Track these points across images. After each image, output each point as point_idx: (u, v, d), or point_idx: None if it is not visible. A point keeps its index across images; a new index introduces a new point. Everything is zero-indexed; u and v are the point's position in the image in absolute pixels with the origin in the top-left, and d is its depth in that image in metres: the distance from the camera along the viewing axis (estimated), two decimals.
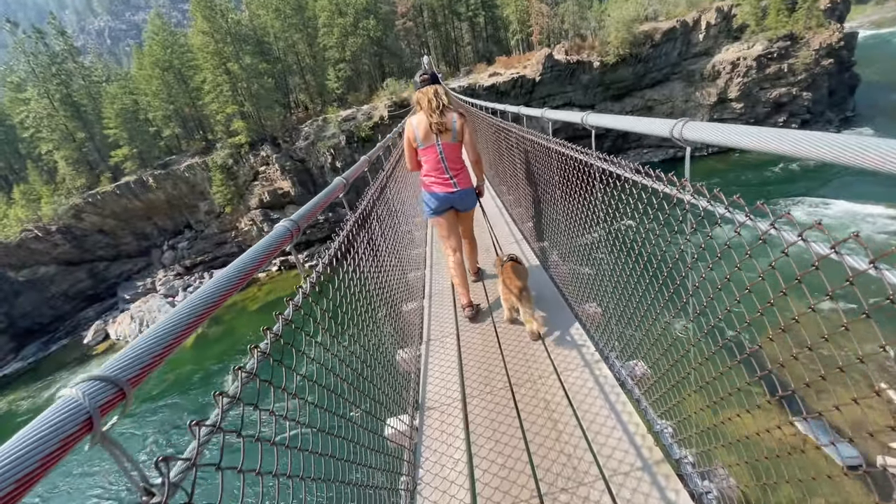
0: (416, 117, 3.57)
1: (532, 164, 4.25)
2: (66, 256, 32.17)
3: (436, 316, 3.94)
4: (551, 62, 33.92)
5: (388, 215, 3.97)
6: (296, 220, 1.48)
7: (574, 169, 2.82)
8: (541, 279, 4.15)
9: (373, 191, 3.34)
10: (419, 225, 6.47)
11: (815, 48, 33.47)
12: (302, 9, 38.68)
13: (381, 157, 4.37)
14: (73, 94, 32.81)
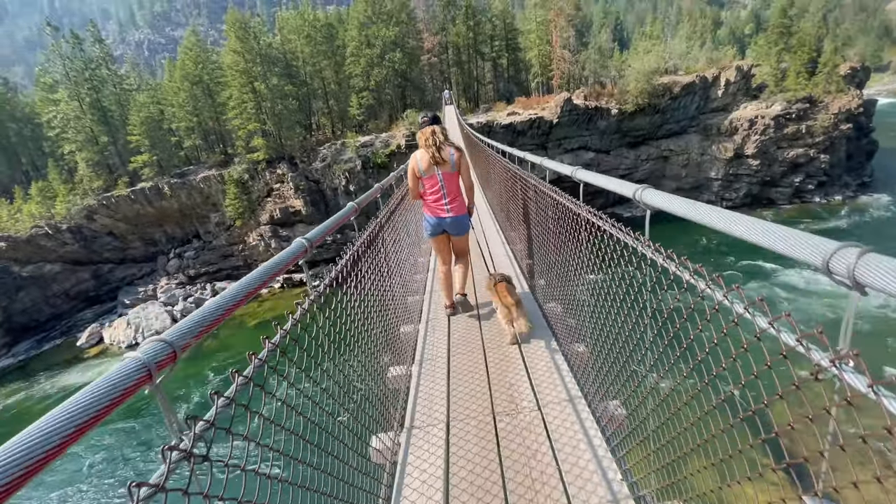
0: (420, 151, 4.11)
1: (532, 206, 4.56)
2: (73, 256, 32.22)
3: (430, 340, 4.11)
4: (570, 106, 34.43)
5: (394, 241, 4.31)
6: (310, 238, 1.68)
7: (566, 216, 3.06)
8: (533, 314, 4.30)
9: (381, 217, 3.56)
10: (424, 252, 6.73)
11: (833, 112, 33.72)
12: (332, 37, 40.07)
13: (392, 186, 4.63)
14: (102, 99, 33.76)
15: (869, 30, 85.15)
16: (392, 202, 4.01)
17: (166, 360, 0.90)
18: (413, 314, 4.62)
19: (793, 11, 39.17)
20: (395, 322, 3.81)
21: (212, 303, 1.15)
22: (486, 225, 8.43)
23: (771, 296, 23.67)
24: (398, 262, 4.40)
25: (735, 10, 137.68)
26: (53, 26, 32.11)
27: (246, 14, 35.09)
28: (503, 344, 3.80)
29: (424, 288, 5.47)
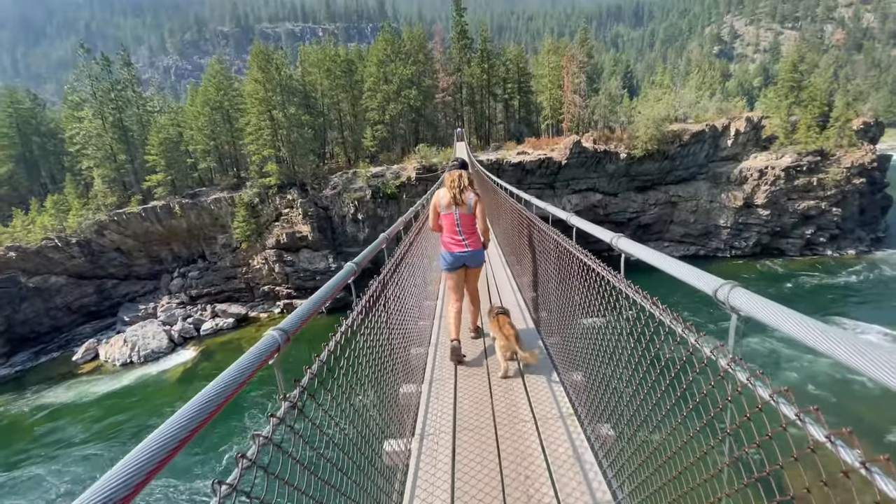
0: (443, 190, 4.59)
1: (536, 243, 4.88)
2: (79, 269, 32.34)
3: (438, 363, 4.52)
4: (579, 148, 34.87)
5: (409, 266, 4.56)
6: (286, 330, 1.46)
7: (565, 255, 3.37)
8: (533, 345, 4.63)
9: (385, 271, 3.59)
10: (430, 294, 6.99)
11: (846, 166, 33.76)
12: (351, 72, 41.47)
13: (401, 233, 4.79)
14: (124, 119, 34.81)
15: (881, 85, 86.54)
16: (399, 252, 3.95)
17: (286, 340, 1.40)
18: (423, 338, 5.00)
19: (803, 66, 39.97)
20: (408, 344, 4.12)
21: (312, 298, 1.80)
22: (493, 258, 8.91)
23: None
24: (413, 290, 4.67)
25: (744, 64, 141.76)
26: (86, 48, 33.56)
27: (270, 46, 36.52)
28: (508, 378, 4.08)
29: (434, 312, 5.88)
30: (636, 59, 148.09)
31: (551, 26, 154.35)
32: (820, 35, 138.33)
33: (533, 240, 5.12)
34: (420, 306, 5.17)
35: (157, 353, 27.82)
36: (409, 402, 3.62)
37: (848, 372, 19.72)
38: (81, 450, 20.73)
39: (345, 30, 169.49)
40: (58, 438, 21.76)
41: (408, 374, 3.81)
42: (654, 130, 34.63)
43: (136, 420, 22.57)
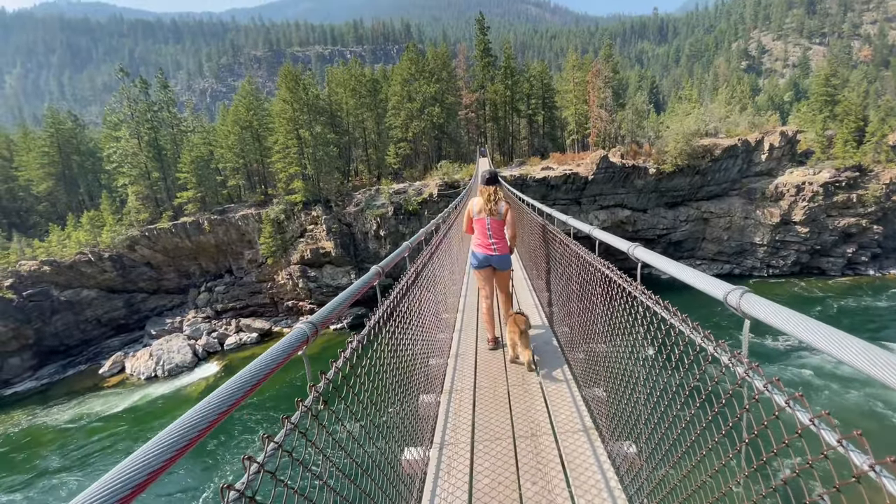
0: (478, 199, 5.07)
1: (557, 257, 4.96)
2: (110, 283, 33.27)
3: (458, 372, 4.57)
4: (606, 164, 34.18)
5: (434, 269, 4.71)
6: (315, 323, 1.53)
7: (587, 269, 3.40)
8: (552, 355, 4.80)
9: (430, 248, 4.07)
10: (454, 292, 7.19)
11: (885, 182, 32.01)
12: (376, 91, 42.20)
13: (422, 243, 4.86)
14: (159, 138, 36.16)
15: None
16: (420, 260, 4.02)
17: (314, 333, 1.45)
18: (444, 350, 4.96)
19: (836, 81, 38.53)
20: (428, 355, 4.13)
21: (340, 297, 1.81)
22: (518, 281, 8.96)
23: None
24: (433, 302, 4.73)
25: (773, 78, 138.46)
26: (125, 71, 35.22)
27: (298, 68, 37.57)
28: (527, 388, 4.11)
29: (454, 327, 5.97)
30: (661, 75, 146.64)
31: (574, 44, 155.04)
32: (848, 51, 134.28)
33: (550, 253, 5.35)
34: (439, 318, 5.20)
35: (181, 367, 28.08)
36: (428, 411, 3.62)
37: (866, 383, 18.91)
38: (98, 464, 20.84)
39: (372, 52, 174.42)
40: (76, 452, 21.90)
41: (427, 383, 3.84)
42: (683, 145, 33.71)
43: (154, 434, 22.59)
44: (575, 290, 3.91)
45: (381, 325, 2.39)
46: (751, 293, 1.37)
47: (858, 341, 0.95)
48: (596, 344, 3.28)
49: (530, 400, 3.83)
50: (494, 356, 4.88)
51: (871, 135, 33.36)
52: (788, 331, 1.16)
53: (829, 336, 1.02)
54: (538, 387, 4.07)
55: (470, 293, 7.75)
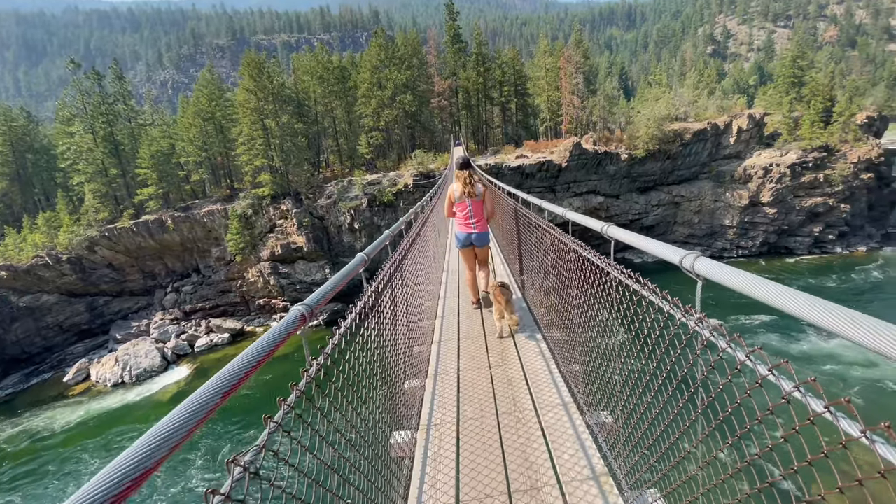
0: (456, 184, 5.51)
1: (531, 237, 5.22)
2: (70, 287, 31.57)
3: (442, 356, 4.68)
4: (579, 150, 34.16)
5: (414, 258, 4.76)
6: (310, 304, 1.58)
7: (558, 247, 3.69)
8: (525, 316, 5.40)
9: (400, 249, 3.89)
10: (435, 281, 7.51)
11: (853, 161, 33.01)
12: (345, 79, 40.93)
13: (402, 232, 5.00)
14: (116, 132, 34.22)
15: (878, 80, 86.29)
16: (402, 247, 4.21)
17: (310, 314, 1.49)
18: (426, 336, 5.13)
19: (803, 62, 39.38)
20: (412, 343, 4.24)
21: (331, 281, 1.80)
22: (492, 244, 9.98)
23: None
24: (414, 291, 4.82)
25: (738, 62, 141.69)
26: (76, 63, 33.04)
27: (262, 56, 35.99)
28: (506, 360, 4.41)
29: (436, 312, 6.11)
30: (630, 61, 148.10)
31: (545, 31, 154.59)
32: (813, 32, 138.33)
33: (520, 231, 6.03)
34: (422, 306, 5.39)
35: (149, 371, 26.94)
36: (414, 396, 3.73)
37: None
38: (67, 475, 19.86)
39: (340, 39, 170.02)
40: (44, 464, 20.89)
41: (412, 369, 3.93)
42: (654, 130, 33.94)
43: (125, 443, 21.67)
44: (551, 271, 4.11)
45: (367, 312, 2.40)
46: (703, 257, 1.54)
47: (804, 295, 1.04)
48: (572, 322, 3.44)
49: (512, 380, 4.03)
50: (475, 325, 5.43)
51: (839, 114, 34.24)
52: (737, 287, 1.29)
53: (777, 291, 1.12)
54: (514, 349, 4.66)
55: (451, 280, 8.06)
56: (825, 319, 0.95)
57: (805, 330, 24.00)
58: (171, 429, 0.79)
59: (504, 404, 3.55)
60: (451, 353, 4.71)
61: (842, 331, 0.90)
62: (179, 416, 0.83)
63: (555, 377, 3.87)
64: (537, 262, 4.94)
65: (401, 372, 3.36)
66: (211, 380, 0.97)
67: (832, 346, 22.32)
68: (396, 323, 3.36)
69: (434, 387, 3.99)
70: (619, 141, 36.10)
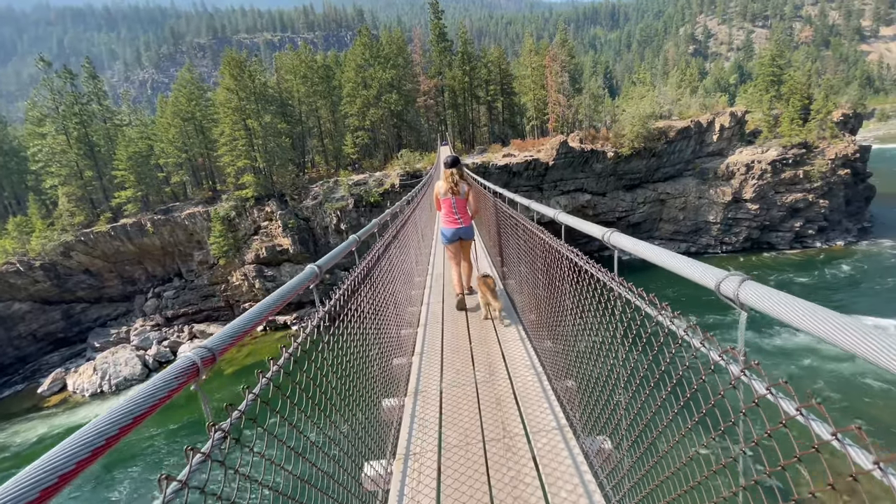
0: (442, 181, 5.75)
1: (516, 237, 5.16)
2: (44, 294, 30.46)
3: (424, 372, 4.31)
4: (565, 149, 34.19)
5: (389, 271, 4.44)
6: (321, 265, 1.76)
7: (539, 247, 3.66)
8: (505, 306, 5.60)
9: (376, 249, 3.67)
10: (419, 284, 7.21)
11: (830, 157, 33.68)
12: (329, 78, 40.32)
13: (388, 222, 5.12)
14: (90, 133, 33.09)
15: (851, 79, 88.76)
16: (387, 236, 4.14)
17: (209, 360, 1.11)
18: (407, 348, 4.76)
19: (781, 61, 40.08)
20: (390, 354, 3.94)
21: (240, 319, 1.37)
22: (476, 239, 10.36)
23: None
24: (394, 293, 4.58)
25: (719, 62, 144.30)
26: (46, 61, 31.86)
27: (244, 54, 35.22)
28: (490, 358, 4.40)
29: (419, 321, 5.87)
30: (615, 60, 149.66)
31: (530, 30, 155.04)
32: (790, 32, 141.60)
33: (500, 226, 6.32)
34: (402, 312, 5.07)
35: (129, 380, 26.11)
36: (391, 418, 3.44)
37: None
38: None
39: (324, 38, 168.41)
40: None
41: (389, 385, 3.66)
42: (640, 128, 34.15)
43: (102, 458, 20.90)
44: (542, 281, 3.88)
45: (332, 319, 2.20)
46: (751, 280, 1.16)
47: (667, 252, 1.01)
48: (566, 336, 3.19)
49: (501, 399, 3.79)
50: (460, 334, 5.23)
51: (817, 112, 34.88)
52: (796, 325, 0.96)
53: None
54: (494, 333, 4.91)
55: (435, 284, 7.95)
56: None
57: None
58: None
59: (492, 430, 3.21)
60: (433, 367, 4.34)
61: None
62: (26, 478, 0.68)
63: (548, 394, 3.57)
64: (525, 269, 4.72)
65: (375, 389, 3.04)
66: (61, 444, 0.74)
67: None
68: (371, 331, 3.06)
69: (414, 407, 3.62)
70: (606, 139, 36.25)
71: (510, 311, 5.55)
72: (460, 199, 5.73)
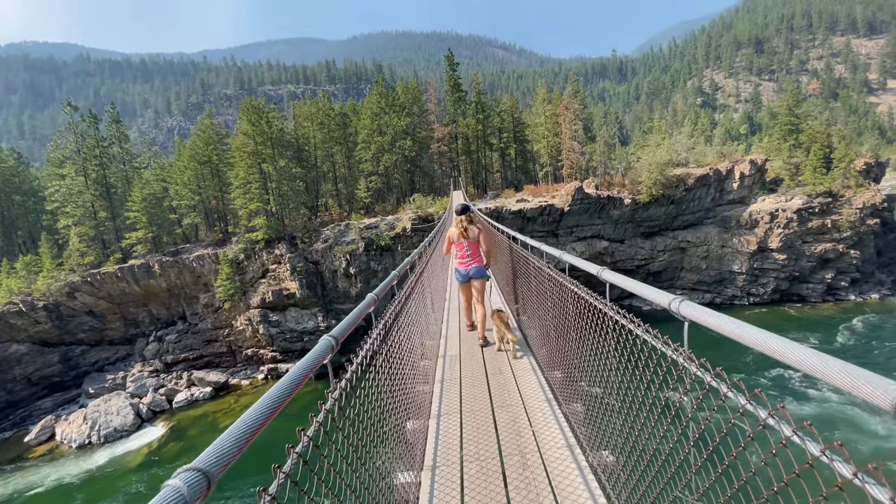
0: (454, 227, 6.46)
1: (523, 273, 5.92)
2: (44, 336, 29.64)
3: (445, 396, 4.65)
4: (581, 194, 33.54)
5: (408, 326, 4.26)
6: (335, 336, 1.58)
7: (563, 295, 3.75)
8: (535, 387, 5.14)
9: (394, 307, 3.57)
10: (436, 320, 7.51)
11: (858, 206, 32.37)
12: (346, 125, 41.05)
13: (407, 272, 4.82)
14: (109, 175, 33.54)
15: (863, 130, 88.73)
16: (402, 295, 3.99)
17: (204, 491, 0.84)
18: (429, 376, 5.00)
19: (799, 110, 39.81)
20: (414, 383, 4.09)
21: (349, 317, 1.56)
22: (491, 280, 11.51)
23: None
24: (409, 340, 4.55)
25: (727, 113, 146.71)
26: (73, 106, 32.86)
27: (263, 102, 36.12)
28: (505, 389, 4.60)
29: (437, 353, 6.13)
30: (623, 112, 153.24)
31: (541, 83, 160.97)
32: (797, 85, 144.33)
33: (515, 265, 6.77)
34: (417, 368, 5.01)
35: (119, 431, 24.56)
36: (417, 437, 3.61)
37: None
38: None
39: (344, 90, 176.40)
40: None
41: (415, 410, 3.83)
42: (657, 174, 33.47)
43: None
44: (551, 313, 4.15)
45: (372, 355, 2.33)
46: (688, 301, 1.67)
47: (780, 339, 1.13)
48: (572, 362, 3.46)
49: (516, 419, 3.96)
50: (473, 342, 6.16)
51: (839, 161, 34.00)
52: (721, 330, 1.38)
53: (756, 335, 1.21)
54: (509, 367, 5.14)
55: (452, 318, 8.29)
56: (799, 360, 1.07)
57: None
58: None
59: (508, 446, 3.51)
60: (453, 393, 4.69)
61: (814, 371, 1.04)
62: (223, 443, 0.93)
63: (557, 417, 3.87)
64: (537, 305, 5.05)
65: (404, 413, 3.32)
66: (247, 412, 1.02)
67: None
68: (401, 365, 3.33)
69: (438, 428, 3.96)
70: (622, 186, 35.60)
71: (523, 345, 5.87)
72: (472, 242, 6.32)
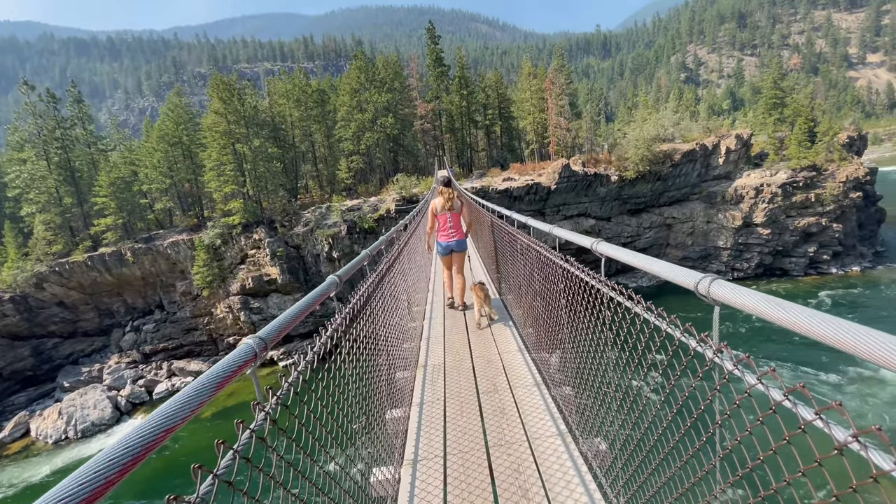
0: (439, 199, 6.47)
1: (507, 247, 5.81)
2: (12, 329, 28.33)
3: (428, 384, 4.42)
4: (568, 172, 32.96)
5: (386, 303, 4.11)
6: (263, 338, 1.37)
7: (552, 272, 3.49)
8: (500, 311, 6.21)
9: (368, 284, 3.41)
10: (419, 301, 7.31)
11: (841, 180, 32.50)
12: (324, 102, 39.41)
13: (382, 251, 4.56)
14: (72, 159, 31.68)
15: (842, 104, 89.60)
16: (381, 267, 3.82)
17: (264, 349, 1.30)
18: (410, 361, 4.86)
19: (785, 83, 39.54)
20: (394, 368, 3.99)
21: (286, 314, 1.54)
22: (471, 252, 10.90)
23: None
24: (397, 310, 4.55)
25: (710, 88, 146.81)
26: (29, 85, 30.70)
27: (234, 78, 34.28)
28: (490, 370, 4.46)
29: (421, 335, 5.85)
30: (608, 88, 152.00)
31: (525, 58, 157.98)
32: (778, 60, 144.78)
33: (496, 240, 6.75)
34: (404, 328, 5.07)
35: (98, 425, 23.76)
36: (397, 427, 3.48)
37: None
38: None
39: (323, 67, 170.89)
40: None
41: (395, 397, 3.72)
42: (644, 151, 33.01)
43: None
44: (539, 291, 3.97)
45: (339, 337, 2.17)
46: (721, 279, 1.36)
47: (828, 317, 0.97)
48: (562, 343, 3.35)
49: (503, 409, 3.76)
50: (460, 329, 5.82)
51: (823, 134, 33.95)
52: (761, 313, 1.15)
53: (802, 314, 1.02)
54: (495, 349, 4.99)
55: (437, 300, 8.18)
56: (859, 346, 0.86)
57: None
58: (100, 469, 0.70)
59: (494, 435, 3.33)
60: (437, 378, 4.49)
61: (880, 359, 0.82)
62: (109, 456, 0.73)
63: (547, 402, 3.72)
64: (523, 283, 4.92)
65: (382, 402, 3.16)
66: (152, 414, 0.86)
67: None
68: (376, 347, 3.13)
69: (420, 417, 3.75)
70: (608, 163, 35.10)
71: (509, 322, 5.80)
72: (455, 213, 6.43)
